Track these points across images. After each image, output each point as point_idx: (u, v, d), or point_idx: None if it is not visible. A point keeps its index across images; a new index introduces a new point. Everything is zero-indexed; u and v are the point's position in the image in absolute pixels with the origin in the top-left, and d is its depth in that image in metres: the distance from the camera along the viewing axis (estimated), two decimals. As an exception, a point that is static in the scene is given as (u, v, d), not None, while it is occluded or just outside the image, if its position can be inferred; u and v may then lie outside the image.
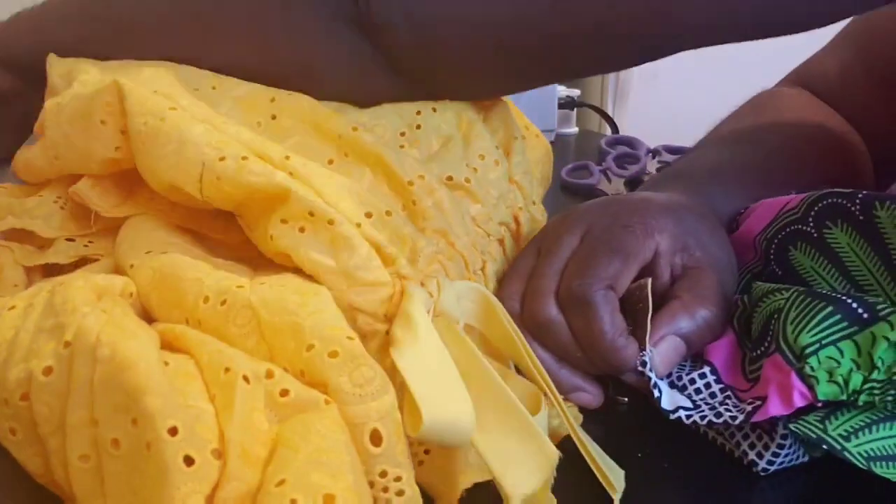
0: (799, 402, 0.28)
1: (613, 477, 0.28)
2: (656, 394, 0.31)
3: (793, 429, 0.28)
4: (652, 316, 0.32)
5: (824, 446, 0.27)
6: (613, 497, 0.28)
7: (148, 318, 0.30)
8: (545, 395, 0.30)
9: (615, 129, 1.03)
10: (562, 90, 0.99)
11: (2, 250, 0.38)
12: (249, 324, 0.28)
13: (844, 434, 0.27)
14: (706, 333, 0.33)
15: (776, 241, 0.36)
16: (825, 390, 0.28)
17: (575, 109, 1.01)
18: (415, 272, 0.32)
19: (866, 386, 0.28)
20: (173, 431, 0.22)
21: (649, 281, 0.33)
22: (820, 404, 0.28)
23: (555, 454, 0.26)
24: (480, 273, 0.36)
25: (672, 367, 0.33)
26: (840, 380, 0.28)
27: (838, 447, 0.27)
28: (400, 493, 0.24)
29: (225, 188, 0.31)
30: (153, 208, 0.37)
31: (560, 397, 0.30)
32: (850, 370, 0.28)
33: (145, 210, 0.37)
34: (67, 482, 0.25)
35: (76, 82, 0.39)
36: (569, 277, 0.33)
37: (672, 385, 0.33)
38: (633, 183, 0.71)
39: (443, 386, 0.27)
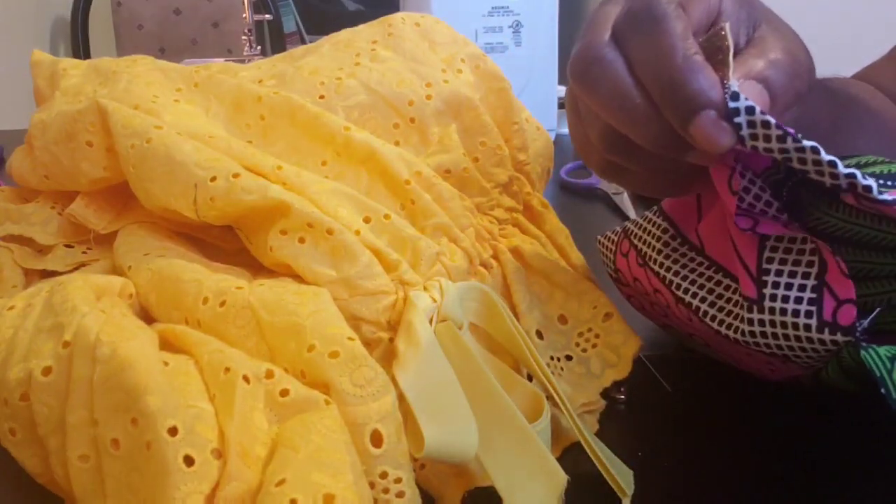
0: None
1: (622, 478, 0.28)
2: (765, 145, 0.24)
3: (863, 356, 0.25)
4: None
5: (882, 389, 0.24)
6: (623, 499, 0.28)
7: (147, 318, 0.30)
8: (548, 397, 0.30)
9: (615, 129, 1.03)
10: (562, 90, 0.99)
11: (1, 251, 0.38)
12: (249, 324, 0.28)
13: None
14: (787, 84, 0.27)
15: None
16: None
17: (575, 109, 1.00)
18: (417, 276, 0.31)
19: None
20: (173, 431, 0.22)
21: (727, 24, 0.27)
22: None
23: (563, 478, 0.26)
24: (484, 269, 0.36)
25: None
26: None
27: (895, 394, 0.24)
28: (400, 494, 0.24)
29: (220, 207, 0.31)
30: (150, 217, 0.37)
31: (565, 398, 0.30)
32: None
33: (142, 219, 0.37)
34: (67, 482, 0.25)
35: (58, 91, 0.39)
36: (629, 2, 0.27)
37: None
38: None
39: (445, 405, 0.27)
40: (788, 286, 0.27)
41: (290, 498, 0.21)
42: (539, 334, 0.35)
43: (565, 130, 1.00)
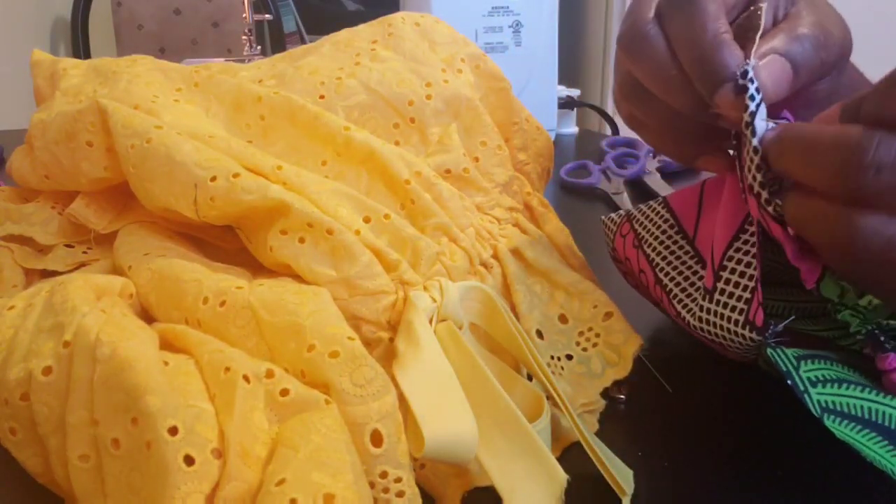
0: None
1: (622, 478, 0.28)
2: (748, 118, 0.27)
3: (769, 353, 0.28)
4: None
5: (789, 381, 0.27)
6: (623, 498, 0.28)
7: (147, 318, 0.30)
8: (548, 397, 0.30)
9: (615, 129, 1.03)
10: (562, 90, 0.99)
11: (1, 251, 0.38)
12: (249, 324, 0.28)
13: (813, 379, 0.27)
14: (812, 55, 0.30)
15: None
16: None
17: (575, 109, 1.00)
18: (417, 276, 0.31)
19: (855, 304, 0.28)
20: (173, 431, 0.22)
21: (764, 4, 0.30)
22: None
23: (563, 478, 0.26)
24: (484, 269, 0.36)
25: (779, 88, 0.29)
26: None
27: (801, 388, 0.27)
28: (400, 493, 0.24)
29: (220, 207, 0.31)
30: (150, 217, 0.37)
31: (565, 398, 0.30)
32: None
33: (142, 219, 0.37)
34: (67, 482, 0.25)
35: (58, 91, 0.39)
36: None
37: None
38: (633, 183, 0.71)
39: (445, 405, 0.26)
40: (736, 284, 0.30)
41: (290, 497, 0.21)
42: (539, 334, 0.35)
43: (565, 130, 1.00)
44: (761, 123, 0.27)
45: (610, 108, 1.64)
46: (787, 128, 0.26)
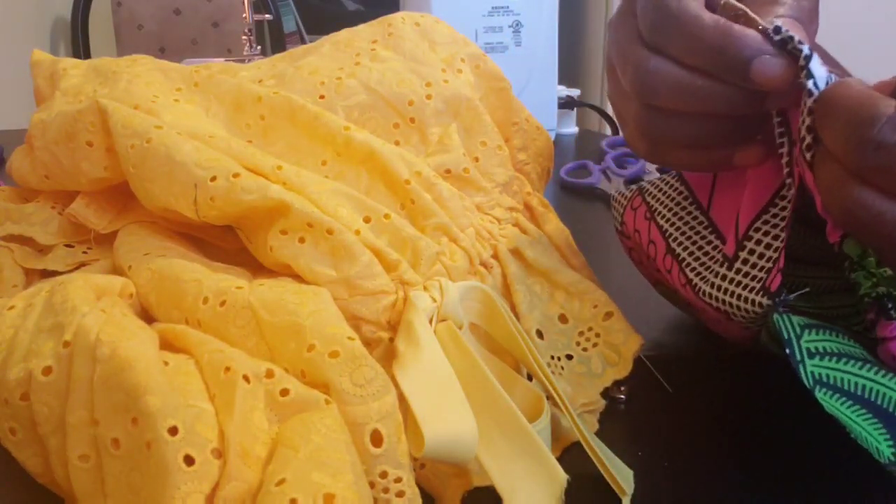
0: None
1: (622, 478, 0.28)
2: (802, 61, 0.26)
3: (775, 319, 0.28)
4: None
5: (787, 350, 0.27)
6: (623, 499, 0.28)
7: (147, 318, 0.30)
8: (548, 397, 0.30)
9: (615, 129, 1.03)
10: (562, 90, 0.99)
11: (1, 251, 0.38)
12: (249, 324, 0.28)
13: (812, 350, 0.27)
14: (811, 15, 0.30)
15: None
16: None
17: (575, 109, 1.01)
18: (417, 276, 0.31)
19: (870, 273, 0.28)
20: (173, 431, 0.22)
21: None
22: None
23: (563, 477, 0.26)
24: (484, 269, 0.36)
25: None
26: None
27: (797, 358, 0.27)
28: (400, 493, 0.24)
29: (220, 207, 0.31)
30: (150, 217, 0.37)
31: (566, 398, 0.30)
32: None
33: (142, 219, 0.37)
34: (67, 482, 0.25)
35: (58, 91, 0.39)
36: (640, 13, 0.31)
37: None
38: (633, 182, 0.71)
39: (445, 405, 0.26)
40: (760, 255, 0.30)
41: (290, 497, 0.21)
42: (539, 334, 0.35)
43: (565, 130, 1.00)
44: (818, 67, 0.26)
45: (610, 108, 1.64)
46: (835, 84, 0.26)
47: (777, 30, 0.27)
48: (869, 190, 0.24)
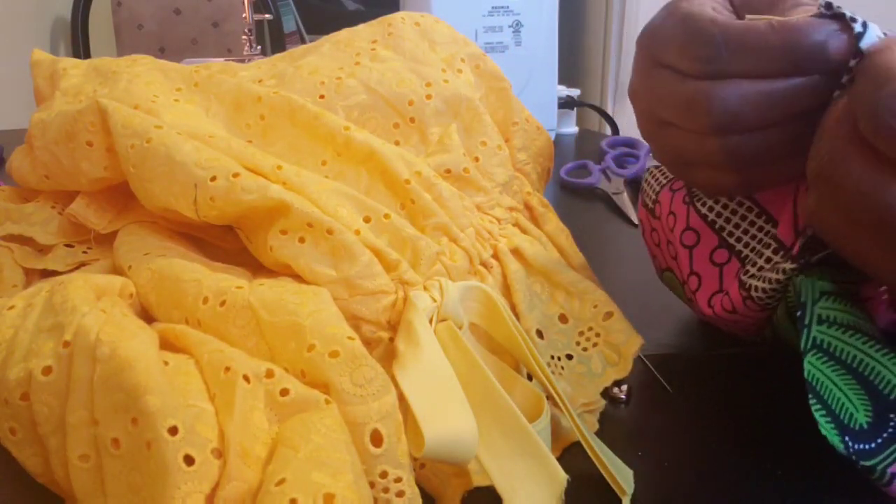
0: None
1: (622, 478, 0.28)
2: (860, 28, 0.27)
3: (799, 282, 0.28)
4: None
5: (799, 312, 0.27)
6: (623, 499, 0.28)
7: (147, 318, 0.30)
8: (548, 396, 0.30)
9: (615, 129, 1.03)
10: (562, 90, 0.99)
11: (1, 251, 0.38)
12: (249, 324, 0.28)
13: (823, 317, 0.27)
14: None
15: None
16: None
17: (575, 109, 1.01)
18: (417, 276, 0.31)
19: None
20: (173, 431, 0.22)
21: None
22: None
23: (563, 477, 0.26)
24: (484, 269, 0.36)
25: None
26: None
27: (806, 321, 0.27)
28: (400, 493, 0.24)
29: (220, 207, 0.31)
30: (150, 217, 0.37)
31: (566, 398, 0.30)
32: None
33: (142, 219, 0.37)
34: (67, 482, 0.25)
35: (58, 91, 0.39)
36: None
37: None
38: (633, 182, 0.71)
39: (445, 405, 0.26)
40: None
41: (290, 497, 0.21)
42: (539, 334, 0.35)
43: (565, 130, 1.00)
44: (875, 32, 0.27)
45: (610, 108, 1.64)
46: (878, 44, 0.26)
47: (829, 5, 0.27)
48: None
